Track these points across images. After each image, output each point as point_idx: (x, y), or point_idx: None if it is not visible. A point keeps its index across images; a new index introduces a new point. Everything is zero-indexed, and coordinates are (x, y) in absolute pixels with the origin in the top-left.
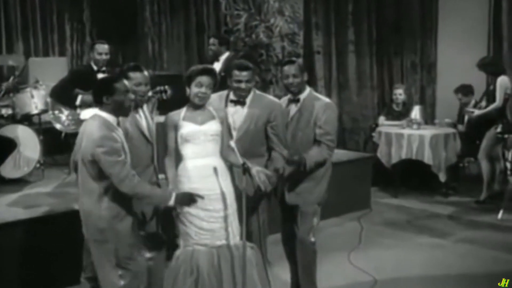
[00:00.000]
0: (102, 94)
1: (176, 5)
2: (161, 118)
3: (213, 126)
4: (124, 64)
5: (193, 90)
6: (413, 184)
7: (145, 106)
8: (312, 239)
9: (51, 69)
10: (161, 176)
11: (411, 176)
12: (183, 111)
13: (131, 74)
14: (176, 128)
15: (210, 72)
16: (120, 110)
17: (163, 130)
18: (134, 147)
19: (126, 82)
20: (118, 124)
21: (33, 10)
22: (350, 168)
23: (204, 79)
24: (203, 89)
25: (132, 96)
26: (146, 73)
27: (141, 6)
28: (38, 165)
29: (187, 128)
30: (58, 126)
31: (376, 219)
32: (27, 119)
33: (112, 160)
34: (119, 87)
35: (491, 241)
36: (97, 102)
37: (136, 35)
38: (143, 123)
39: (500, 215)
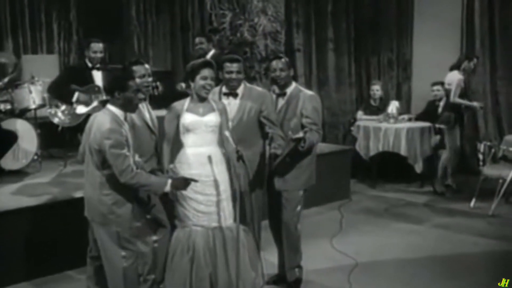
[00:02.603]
0: (115, 89)
1: (161, 4)
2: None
3: (213, 118)
4: (111, 62)
5: (199, 82)
6: (390, 175)
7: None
8: (297, 223)
9: (42, 66)
10: None
11: (388, 168)
12: (186, 102)
13: (134, 68)
14: (178, 117)
15: (212, 65)
16: (128, 106)
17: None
18: (140, 137)
19: (138, 81)
20: (126, 118)
21: (22, 9)
22: (330, 160)
23: (208, 71)
24: (208, 81)
25: (141, 95)
26: (147, 65)
27: (126, 5)
28: (35, 158)
29: (189, 118)
30: (55, 120)
31: (356, 207)
32: (24, 114)
33: (116, 153)
34: (132, 85)
35: (463, 226)
36: (109, 95)
37: (122, 34)
38: (146, 115)
39: (472, 203)
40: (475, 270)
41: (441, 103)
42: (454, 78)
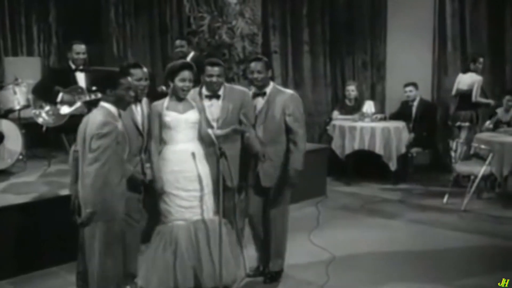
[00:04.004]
0: (107, 87)
1: (140, 7)
2: None
3: (193, 115)
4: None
5: (178, 84)
6: (365, 173)
7: (143, 101)
8: (284, 218)
9: (24, 68)
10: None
11: (364, 166)
12: (166, 102)
13: (132, 71)
14: (160, 116)
15: (190, 67)
16: (120, 103)
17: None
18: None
19: (130, 79)
20: (120, 116)
21: (2, 11)
22: (307, 159)
23: (186, 73)
24: (186, 83)
25: (133, 93)
26: (145, 69)
27: (105, 8)
28: (20, 157)
29: (170, 116)
30: (39, 120)
31: (332, 204)
32: (9, 114)
33: (107, 143)
34: (123, 83)
35: (437, 221)
36: (101, 93)
37: (101, 36)
38: (139, 117)
39: (445, 199)
40: (448, 262)
41: (415, 103)
42: (474, 79)
